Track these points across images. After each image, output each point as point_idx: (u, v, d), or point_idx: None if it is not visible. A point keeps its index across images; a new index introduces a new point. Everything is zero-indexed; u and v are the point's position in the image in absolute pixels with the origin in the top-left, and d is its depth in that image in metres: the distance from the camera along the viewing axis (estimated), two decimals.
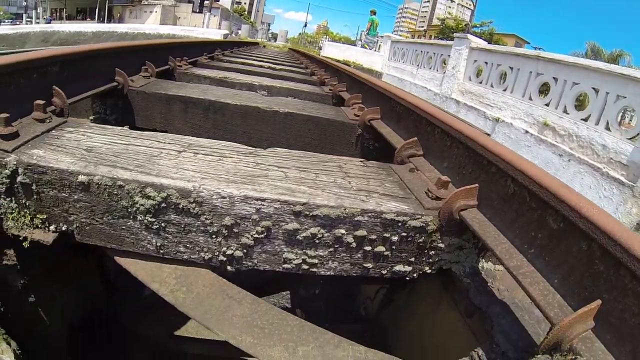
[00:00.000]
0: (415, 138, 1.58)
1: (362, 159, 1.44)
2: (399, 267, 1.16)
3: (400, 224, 1.09)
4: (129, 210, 1.07)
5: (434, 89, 9.19)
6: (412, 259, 1.15)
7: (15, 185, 1.16)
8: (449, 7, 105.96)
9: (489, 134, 5.61)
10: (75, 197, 1.11)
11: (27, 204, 1.18)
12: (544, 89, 6.17)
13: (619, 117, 4.82)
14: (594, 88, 4.95)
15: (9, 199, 1.18)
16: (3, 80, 1.31)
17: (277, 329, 1.05)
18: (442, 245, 1.14)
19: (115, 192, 1.06)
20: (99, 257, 1.71)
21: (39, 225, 1.20)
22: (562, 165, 4.84)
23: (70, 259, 1.55)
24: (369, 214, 1.07)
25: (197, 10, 38.12)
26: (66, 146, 1.21)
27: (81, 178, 1.07)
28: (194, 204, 1.04)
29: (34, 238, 1.19)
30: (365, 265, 1.14)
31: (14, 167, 1.13)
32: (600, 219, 0.77)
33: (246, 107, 2.14)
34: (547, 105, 5.73)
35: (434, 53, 10.16)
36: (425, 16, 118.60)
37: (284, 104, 2.30)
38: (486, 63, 7.51)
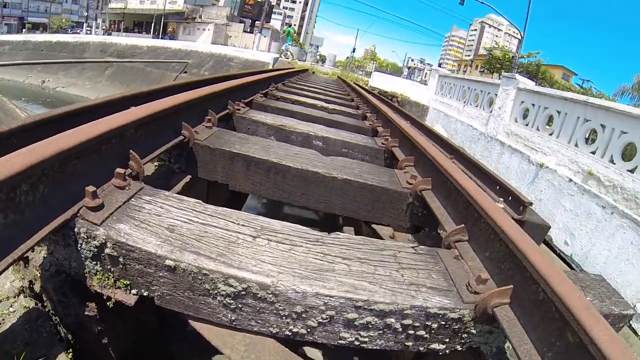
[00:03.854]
0: (463, 225, 1.69)
1: (413, 245, 1.60)
2: (434, 346, 1.33)
3: (440, 316, 1.26)
4: (210, 292, 1.25)
5: (480, 127, 8.88)
6: (447, 340, 1.33)
7: (102, 255, 1.27)
8: (496, 36, 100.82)
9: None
10: (160, 274, 1.24)
11: (111, 270, 1.28)
12: (591, 136, 5.85)
13: None
14: None
15: (95, 262, 1.28)
16: (90, 149, 1.39)
17: None
18: (474, 331, 1.32)
19: (200, 278, 1.20)
20: None
21: (122, 287, 1.36)
22: (605, 218, 4.63)
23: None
24: (416, 309, 1.23)
25: (248, 30, 39.11)
26: (149, 222, 1.32)
27: (168, 262, 1.19)
28: (270, 295, 1.18)
29: (117, 298, 1.33)
30: (406, 343, 1.32)
31: (103, 241, 1.23)
32: (612, 352, 0.87)
33: (306, 172, 2.24)
34: (593, 153, 5.45)
35: (481, 90, 9.86)
36: (472, 45, 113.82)
37: (341, 167, 2.39)
38: (533, 105, 7.23)
